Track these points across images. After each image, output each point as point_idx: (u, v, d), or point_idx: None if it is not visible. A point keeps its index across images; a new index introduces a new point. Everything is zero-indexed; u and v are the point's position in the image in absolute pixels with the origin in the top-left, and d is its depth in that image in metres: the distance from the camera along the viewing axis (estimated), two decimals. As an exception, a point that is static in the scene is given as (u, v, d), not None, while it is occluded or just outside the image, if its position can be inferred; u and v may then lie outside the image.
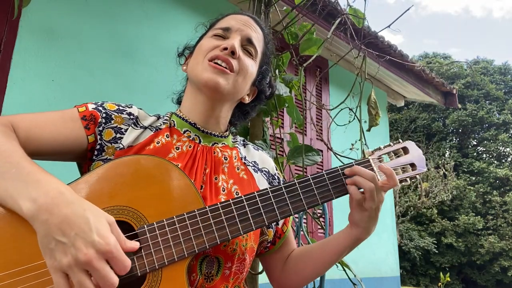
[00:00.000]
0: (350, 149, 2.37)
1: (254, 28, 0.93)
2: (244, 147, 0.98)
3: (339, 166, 0.84)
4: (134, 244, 0.65)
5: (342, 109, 1.97)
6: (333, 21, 1.96)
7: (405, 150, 0.89)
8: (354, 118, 1.99)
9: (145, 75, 2.96)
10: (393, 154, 0.89)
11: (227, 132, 0.95)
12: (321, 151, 4.38)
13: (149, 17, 3.09)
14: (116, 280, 0.58)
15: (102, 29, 2.81)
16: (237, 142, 0.97)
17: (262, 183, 0.93)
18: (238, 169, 0.90)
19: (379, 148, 0.89)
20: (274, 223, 0.92)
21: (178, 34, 3.21)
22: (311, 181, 0.81)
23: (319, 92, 4.77)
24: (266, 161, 0.99)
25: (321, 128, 4.50)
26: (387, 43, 4.53)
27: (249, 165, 0.93)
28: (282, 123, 3.62)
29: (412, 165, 0.88)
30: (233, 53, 0.85)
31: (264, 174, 0.95)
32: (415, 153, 0.89)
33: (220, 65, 0.84)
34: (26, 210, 0.59)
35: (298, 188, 0.80)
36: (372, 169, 0.84)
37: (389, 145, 0.90)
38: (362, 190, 0.81)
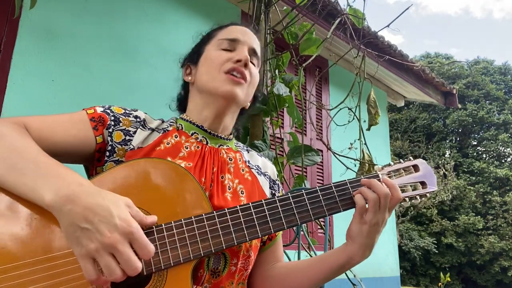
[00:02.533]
0: (349, 148, 2.37)
1: (255, 39, 0.97)
2: (248, 152, 1.02)
3: (348, 179, 0.85)
4: (153, 218, 0.69)
5: (341, 109, 1.97)
6: (333, 21, 1.96)
7: (416, 168, 0.90)
8: (353, 118, 1.99)
9: (145, 75, 2.96)
10: (403, 171, 0.89)
11: (231, 136, 0.99)
12: (321, 151, 4.38)
13: (149, 17, 3.09)
14: (139, 264, 0.61)
15: (102, 29, 2.81)
16: (240, 147, 1.01)
17: (265, 186, 0.96)
18: (243, 171, 0.94)
19: (389, 165, 0.90)
20: None
21: (178, 34, 3.21)
22: (319, 192, 0.82)
23: (319, 92, 4.77)
24: (268, 167, 1.02)
25: (321, 128, 4.50)
26: (387, 43, 4.53)
27: (252, 168, 0.97)
28: (282, 123, 3.62)
29: (423, 183, 0.88)
30: (245, 64, 0.90)
31: (267, 178, 0.98)
32: (426, 171, 0.89)
33: (237, 77, 0.89)
34: (49, 202, 0.62)
35: (306, 199, 0.81)
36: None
37: (399, 162, 0.90)
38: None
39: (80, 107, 0.88)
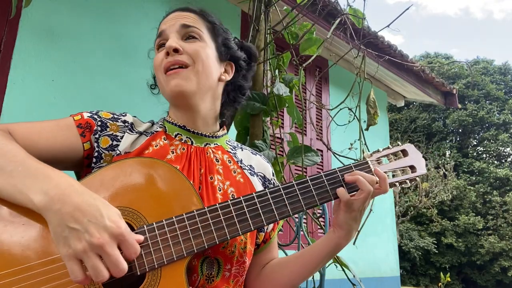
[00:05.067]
0: (349, 148, 2.37)
1: (184, 16, 0.89)
2: (242, 150, 0.98)
3: (338, 168, 0.85)
4: (139, 237, 0.67)
5: (341, 109, 1.97)
6: (333, 21, 1.96)
7: (404, 153, 0.91)
8: (354, 118, 1.99)
9: (145, 75, 2.95)
10: (392, 157, 0.90)
11: (220, 132, 0.94)
12: (321, 151, 4.39)
13: (149, 17, 3.09)
14: (125, 266, 0.60)
15: (102, 29, 2.81)
16: (234, 146, 0.98)
17: (258, 187, 0.93)
18: (234, 172, 0.90)
19: (378, 151, 0.90)
20: (266, 226, 0.93)
21: (178, 34, 3.21)
22: (310, 182, 0.82)
23: (319, 92, 4.77)
24: (263, 166, 0.98)
25: (321, 128, 4.50)
26: (387, 43, 4.53)
27: (245, 169, 0.93)
28: (282, 123, 3.62)
29: (412, 167, 0.89)
30: (176, 50, 0.83)
31: (260, 178, 0.95)
32: (415, 156, 0.90)
33: (173, 69, 0.83)
34: (38, 202, 0.61)
35: (297, 189, 0.80)
36: (370, 171, 0.86)
37: (388, 148, 0.91)
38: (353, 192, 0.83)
39: (80, 107, 0.88)
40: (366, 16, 1.92)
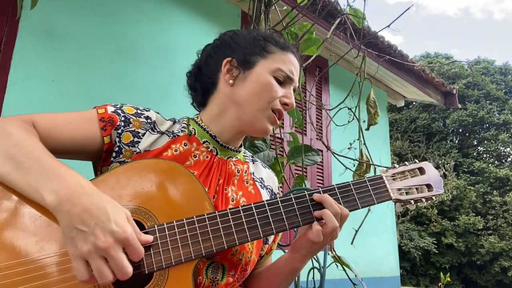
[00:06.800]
0: (348, 148, 2.37)
1: (296, 76, 0.95)
2: (253, 163, 1.01)
3: (351, 181, 0.85)
4: (148, 237, 0.68)
5: (340, 109, 1.97)
6: (333, 21, 1.96)
7: (421, 171, 0.89)
8: (353, 118, 1.99)
9: (145, 75, 2.96)
10: (408, 174, 0.89)
11: (241, 148, 0.98)
12: (321, 151, 4.38)
13: (149, 17, 3.09)
14: (130, 269, 0.62)
15: (102, 29, 2.81)
16: (248, 158, 1.00)
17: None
18: (247, 183, 0.93)
19: (394, 167, 0.89)
20: (272, 237, 0.96)
21: (178, 34, 3.21)
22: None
23: (319, 92, 4.77)
24: (271, 180, 1.02)
25: (321, 128, 4.50)
26: (387, 43, 4.53)
27: (257, 181, 0.96)
28: (282, 123, 3.62)
29: (428, 186, 0.88)
30: (285, 110, 0.94)
31: (268, 191, 0.98)
32: (432, 174, 0.89)
33: (277, 118, 0.92)
34: (50, 202, 0.63)
35: (308, 200, 0.81)
36: (385, 187, 0.85)
37: (404, 165, 0.90)
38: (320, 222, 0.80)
39: (80, 107, 0.88)
40: (366, 16, 1.92)
